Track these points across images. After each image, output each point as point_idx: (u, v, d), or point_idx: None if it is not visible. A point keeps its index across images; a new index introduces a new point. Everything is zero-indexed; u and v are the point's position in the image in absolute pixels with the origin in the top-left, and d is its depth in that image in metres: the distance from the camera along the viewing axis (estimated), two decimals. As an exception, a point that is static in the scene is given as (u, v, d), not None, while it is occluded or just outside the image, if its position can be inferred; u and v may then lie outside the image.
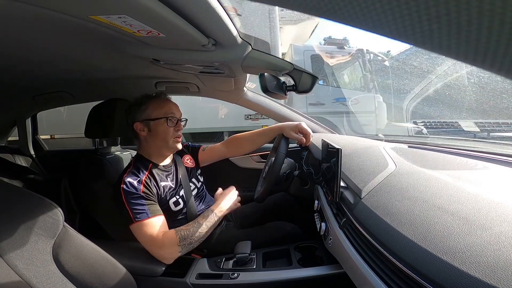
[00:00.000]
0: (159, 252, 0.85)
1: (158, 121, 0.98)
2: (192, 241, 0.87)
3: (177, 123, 1.01)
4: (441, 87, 1.26)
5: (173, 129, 1.00)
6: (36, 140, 1.88)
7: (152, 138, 0.99)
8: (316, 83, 0.93)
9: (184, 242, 0.85)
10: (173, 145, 1.00)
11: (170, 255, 0.85)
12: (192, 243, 0.87)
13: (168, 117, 0.98)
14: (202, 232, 0.89)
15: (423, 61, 1.18)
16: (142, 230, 0.84)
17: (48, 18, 0.51)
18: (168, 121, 0.98)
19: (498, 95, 1.01)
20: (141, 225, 0.85)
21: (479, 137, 1.24)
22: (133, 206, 0.86)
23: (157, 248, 0.85)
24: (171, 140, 0.99)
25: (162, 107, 0.99)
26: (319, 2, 0.15)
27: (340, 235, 0.64)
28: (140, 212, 0.85)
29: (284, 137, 1.05)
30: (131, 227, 0.86)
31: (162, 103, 1.00)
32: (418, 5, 0.12)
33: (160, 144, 1.00)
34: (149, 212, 0.87)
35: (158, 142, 1.00)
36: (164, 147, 1.01)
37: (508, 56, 0.12)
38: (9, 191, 0.62)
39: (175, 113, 1.00)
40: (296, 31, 4.49)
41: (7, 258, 0.52)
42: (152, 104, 0.99)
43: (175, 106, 1.03)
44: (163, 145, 1.00)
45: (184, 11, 0.51)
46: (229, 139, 1.24)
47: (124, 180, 0.89)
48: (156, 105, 0.99)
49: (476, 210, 0.40)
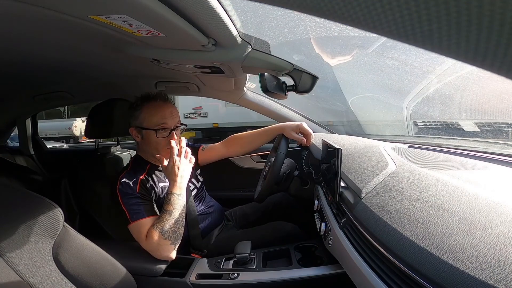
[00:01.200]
0: (156, 251, 0.84)
1: (149, 132, 0.94)
2: (174, 229, 0.83)
3: (170, 133, 0.94)
4: (441, 87, 1.26)
5: (165, 139, 0.94)
6: (36, 140, 1.88)
7: (145, 145, 0.97)
8: (316, 83, 0.93)
9: (167, 234, 0.82)
10: (165, 153, 0.93)
11: (166, 252, 0.83)
12: (175, 231, 0.83)
13: (157, 129, 0.92)
14: (176, 216, 0.84)
15: (423, 61, 1.18)
16: (139, 229, 0.84)
17: (48, 18, 0.51)
18: (158, 133, 0.92)
19: (498, 95, 1.00)
20: (137, 225, 0.85)
21: (479, 137, 1.23)
22: (129, 206, 0.86)
23: (152, 247, 0.84)
24: (163, 150, 0.94)
25: (154, 115, 0.93)
26: (319, 2, 0.15)
27: (340, 235, 0.64)
28: (136, 212, 0.86)
29: (284, 137, 1.05)
30: (129, 227, 0.87)
31: (154, 110, 0.94)
32: (418, 5, 0.12)
33: (154, 152, 0.95)
34: (144, 212, 0.87)
35: (151, 150, 0.97)
36: (158, 153, 0.96)
37: (508, 56, 0.12)
38: (9, 191, 0.62)
39: (167, 123, 0.94)
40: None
41: (7, 258, 0.52)
42: (145, 109, 0.94)
43: (170, 113, 0.95)
44: (156, 152, 0.95)
45: (184, 11, 0.51)
46: (229, 138, 1.22)
47: (120, 181, 0.89)
48: (148, 112, 0.94)
49: (476, 210, 0.40)
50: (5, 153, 1.69)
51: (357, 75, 1.57)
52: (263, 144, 1.19)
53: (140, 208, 0.87)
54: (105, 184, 1.11)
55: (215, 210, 1.13)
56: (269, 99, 1.40)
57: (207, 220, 1.07)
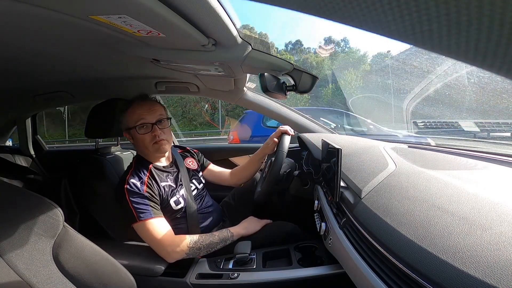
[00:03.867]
0: (166, 250, 0.86)
1: (133, 130, 0.98)
2: (201, 246, 0.89)
3: (152, 128, 0.97)
4: (441, 87, 1.26)
5: (150, 135, 0.97)
6: (36, 140, 1.88)
7: (137, 145, 1.02)
8: (316, 83, 0.93)
9: (194, 245, 0.88)
10: (154, 149, 0.99)
11: (176, 255, 0.87)
12: (200, 248, 0.89)
13: (136, 126, 0.96)
14: (213, 242, 0.91)
15: (423, 61, 1.18)
16: (148, 228, 0.86)
17: (48, 18, 0.51)
18: (138, 129, 0.96)
19: (498, 95, 1.01)
20: (146, 224, 0.86)
21: (479, 137, 1.24)
22: (137, 205, 0.88)
23: (164, 246, 0.86)
24: (150, 146, 0.98)
25: (133, 113, 0.98)
26: (319, 2, 0.15)
27: (340, 235, 0.64)
28: (144, 212, 0.87)
29: (284, 136, 1.05)
30: (134, 226, 0.88)
31: (133, 110, 0.98)
32: (418, 5, 0.12)
33: (145, 151, 1.01)
34: (152, 212, 0.88)
35: (142, 149, 1.01)
36: (150, 152, 1.01)
37: (508, 56, 0.12)
38: (9, 191, 0.62)
39: (145, 118, 0.97)
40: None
41: (7, 258, 0.52)
42: (128, 112, 0.99)
43: (148, 109, 0.98)
44: (147, 151, 1.01)
45: (184, 11, 0.51)
46: (233, 171, 1.29)
47: (127, 181, 0.91)
48: (129, 114, 0.99)
49: (476, 210, 0.40)
50: (5, 153, 1.69)
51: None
52: (257, 170, 1.27)
53: (147, 208, 0.89)
54: (105, 184, 1.11)
55: (214, 210, 1.13)
56: (269, 99, 1.40)
57: (207, 219, 1.07)
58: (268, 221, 1.05)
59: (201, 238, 0.91)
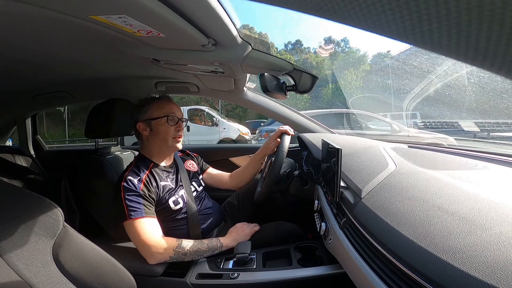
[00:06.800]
0: (150, 250, 0.85)
1: (159, 120, 1.00)
2: (187, 252, 0.88)
3: (177, 123, 1.03)
4: (441, 87, 1.26)
5: (174, 128, 1.02)
6: (36, 140, 1.88)
7: (153, 138, 1.02)
8: (316, 83, 0.93)
9: (180, 250, 0.87)
10: (172, 144, 1.03)
11: (160, 256, 0.86)
12: (186, 254, 0.88)
13: (168, 116, 1.00)
14: (201, 249, 0.90)
15: (423, 61, 1.18)
16: (136, 227, 0.86)
17: (48, 18, 0.51)
18: (168, 120, 1.00)
19: (498, 95, 1.01)
20: (135, 222, 0.86)
21: (479, 137, 1.24)
22: (130, 203, 0.87)
23: (148, 246, 0.85)
24: (170, 139, 1.02)
25: (163, 107, 1.02)
26: (319, 2, 0.15)
27: (340, 235, 0.64)
28: (135, 210, 0.87)
29: (284, 136, 1.05)
30: (124, 224, 0.87)
31: (163, 103, 1.03)
32: (418, 5, 0.12)
33: (161, 143, 1.02)
34: (144, 211, 0.88)
35: (159, 141, 1.02)
36: (164, 146, 1.03)
37: (508, 56, 0.12)
38: (9, 191, 0.62)
39: (175, 113, 1.03)
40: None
41: (7, 258, 0.52)
42: (153, 105, 1.02)
43: (176, 106, 1.05)
44: (163, 144, 1.02)
45: (184, 11, 0.51)
46: (232, 174, 1.30)
47: (125, 178, 0.91)
48: (157, 106, 1.02)
49: (476, 210, 0.40)
50: (5, 153, 1.69)
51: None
52: (257, 171, 1.28)
53: (140, 207, 0.88)
54: (105, 184, 1.11)
55: (214, 211, 1.13)
56: (269, 99, 1.40)
57: (207, 220, 1.07)
58: (257, 227, 1.04)
59: (189, 244, 0.89)
